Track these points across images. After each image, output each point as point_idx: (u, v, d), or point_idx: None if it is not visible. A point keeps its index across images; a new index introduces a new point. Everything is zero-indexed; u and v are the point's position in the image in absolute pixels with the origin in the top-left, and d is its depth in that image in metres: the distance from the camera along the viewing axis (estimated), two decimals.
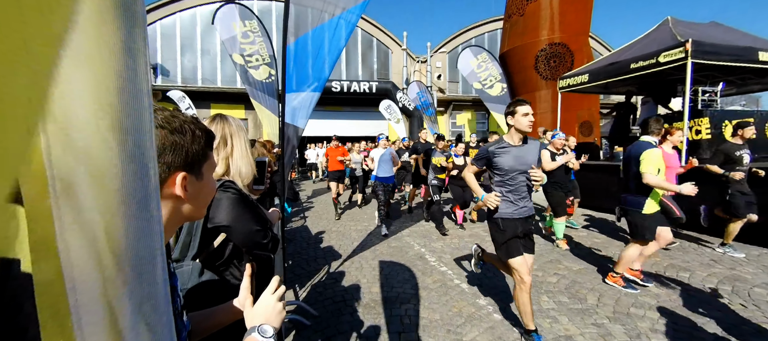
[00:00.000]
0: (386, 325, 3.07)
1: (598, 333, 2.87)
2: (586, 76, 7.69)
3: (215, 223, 1.23)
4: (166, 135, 0.65)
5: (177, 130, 0.66)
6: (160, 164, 0.64)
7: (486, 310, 3.31)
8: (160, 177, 0.65)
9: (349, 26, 3.20)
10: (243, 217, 1.25)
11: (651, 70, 6.34)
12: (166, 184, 0.66)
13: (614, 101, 15.84)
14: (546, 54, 10.26)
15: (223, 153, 1.33)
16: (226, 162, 1.34)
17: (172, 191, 0.67)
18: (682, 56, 5.81)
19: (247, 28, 8.54)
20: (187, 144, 0.68)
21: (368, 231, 6.33)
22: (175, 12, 17.29)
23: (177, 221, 0.72)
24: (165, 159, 0.65)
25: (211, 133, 0.76)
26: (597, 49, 18.85)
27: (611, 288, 3.71)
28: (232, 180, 1.31)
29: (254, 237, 1.27)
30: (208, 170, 0.75)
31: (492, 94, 10.15)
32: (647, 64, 6.36)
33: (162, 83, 16.79)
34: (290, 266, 4.61)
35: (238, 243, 1.27)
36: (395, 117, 13.31)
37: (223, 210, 1.23)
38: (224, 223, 1.23)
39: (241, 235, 1.26)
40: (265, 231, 1.30)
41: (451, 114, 20.76)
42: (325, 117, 18.45)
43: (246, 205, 1.27)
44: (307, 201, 9.98)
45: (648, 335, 2.83)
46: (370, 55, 20.05)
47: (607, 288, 3.72)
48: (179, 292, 0.78)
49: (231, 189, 1.26)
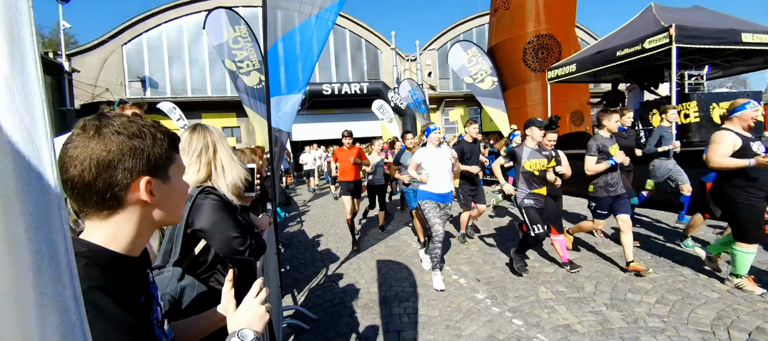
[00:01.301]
0: (386, 324, 3.06)
1: (597, 320, 2.88)
2: (573, 66, 7.75)
3: (193, 228, 1.23)
4: (123, 140, 0.64)
5: (135, 134, 0.65)
6: (121, 170, 0.63)
7: (484, 304, 3.31)
8: (123, 184, 0.64)
9: (327, 26, 3.20)
10: (221, 223, 1.25)
11: (637, 56, 6.41)
12: (129, 190, 0.65)
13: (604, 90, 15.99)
14: (533, 46, 10.32)
15: (205, 158, 1.33)
16: (208, 168, 1.34)
17: (138, 196, 0.66)
18: (666, 41, 5.88)
19: (237, 34, 8.51)
20: (147, 148, 0.67)
21: (366, 231, 6.32)
22: (160, 23, 17.15)
23: (149, 226, 0.71)
24: (125, 164, 0.64)
25: (175, 135, 0.75)
26: (583, 39, 19.00)
27: (607, 275, 3.73)
28: (213, 186, 1.31)
29: (231, 243, 1.27)
30: (176, 173, 0.74)
31: (483, 88, 10.19)
32: (633, 51, 6.42)
33: (151, 95, 16.66)
34: (287, 271, 4.58)
35: (216, 249, 1.27)
36: (388, 116, 13.30)
37: (202, 215, 1.24)
38: (202, 228, 1.23)
39: (218, 242, 1.26)
40: (244, 238, 1.30)
41: (444, 110, 20.81)
42: (316, 120, 18.41)
43: (225, 211, 1.28)
44: (304, 205, 9.94)
45: (645, 320, 2.85)
46: (360, 56, 20.03)
47: (604, 275, 3.74)
48: (159, 301, 0.77)
49: (212, 195, 1.26)
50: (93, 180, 0.62)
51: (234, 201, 1.44)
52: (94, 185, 0.62)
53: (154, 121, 0.71)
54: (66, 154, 0.62)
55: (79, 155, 0.61)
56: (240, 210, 1.61)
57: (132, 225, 0.67)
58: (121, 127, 0.64)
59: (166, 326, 0.77)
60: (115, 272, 0.63)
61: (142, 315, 0.66)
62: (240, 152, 3.21)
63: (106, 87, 15.83)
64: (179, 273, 1.15)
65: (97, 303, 0.56)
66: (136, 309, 0.63)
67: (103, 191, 0.63)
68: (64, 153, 0.62)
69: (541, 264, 4.16)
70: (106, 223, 0.66)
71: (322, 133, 17.87)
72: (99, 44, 16.16)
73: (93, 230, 0.66)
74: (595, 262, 4.09)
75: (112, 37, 16.43)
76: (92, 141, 0.62)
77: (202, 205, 1.25)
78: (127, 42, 16.70)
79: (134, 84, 16.78)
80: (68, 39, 16.91)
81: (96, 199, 0.63)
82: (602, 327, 2.78)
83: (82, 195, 0.63)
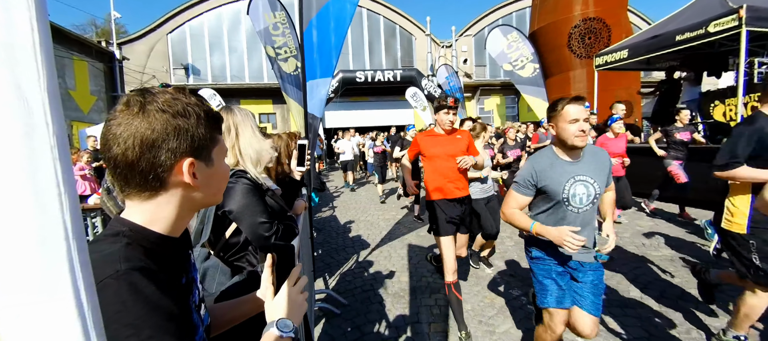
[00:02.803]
0: (416, 315, 3.03)
1: (642, 327, 2.68)
2: (625, 51, 7.18)
3: (224, 209, 1.26)
4: (167, 119, 0.60)
5: (180, 113, 0.62)
6: (165, 151, 0.61)
7: (519, 301, 3.19)
8: (167, 165, 0.61)
9: (353, 6, 3.20)
10: (249, 208, 1.27)
11: (700, 41, 5.81)
12: (173, 172, 0.62)
13: (655, 79, 14.81)
14: (580, 30, 9.67)
15: (229, 142, 1.34)
16: (233, 151, 1.36)
17: (180, 179, 0.63)
18: (735, 24, 5.27)
19: (277, 19, 8.64)
20: (192, 128, 0.63)
21: (396, 220, 6.30)
22: (201, 13, 17.79)
23: (190, 208, 0.69)
24: (169, 145, 0.61)
25: (218, 115, 0.71)
26: (635, 24, 17.61)
27: (656, 278, 3.47)
28: (245, 170, 1.32)
29: (258, 229, 1.28)
30: (219, 155, 0.71)
31: (523, 75, 9.74)
32: (695, 35, 5.83)
33: (194, 82, 17.43)
34: (319, 255, 4.66)
35: (243, 231, 1.29)
36: (421, 104, 13.12)
37: (233, 198, 1.26)
38: (232, 210, 1.26)
39: (246, 226, 1.28)
40: (270, 223, 1.30)
41: (479, 99, 20.21)
42: (350, 107, 18.49)
43: (254, 196, 1.29)
44: (336, 190, 10.08)
45: (703, 327, 2.62)
46: (394, 43, 19.79)
47: (652, 277, 3.48)
48: (198, 283, 0.76)
49: (243, 179, 1.29)
50: (136, 160, 0.59)
51: (267, 181, 1.44)
52: (138, 165, 0.60)
53: (197, 99, 0.68)
54: (109, 131, 0.60)
55: (123, 133, 0.59)
56: (281, 193, 1.62)
57: (173, 207, 0.65)
58: (166, 105, 0.61)
59: (203, 310, 0.76)
60: (156, 253, 0.62)
61: (182, 298, 0.64)
62: (276, 137, 3.26)
63: (153, 74, 16.74)
64: (205, 253, 1.18)
65: (137, 285, 0.54)
66: (176, 292, 0.61)
67: (147, 172, 0.61)
68: (108, 130, 0.60)
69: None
70: (148, 204, 0.64)
71: (354, 120, 17.93)
72: (146, 33, 17.05)
73: (133, 210, 0.64)
74: (641, 263, 3.82)
75: (158, 26, 17.27)
76: (136, 118, 0.59)
77: (233, 188, 1.26)
78: (171, 31, 17.49)
79: (178, 71, 17.61)
80: (119, 29, 18.05)
81: (138, 180, 0.61)
82: (648, 334, 2.59)
83: (125, 175, 0.61)
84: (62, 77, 12.61)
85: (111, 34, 15.85)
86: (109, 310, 0.50)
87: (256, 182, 1.32)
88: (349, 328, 2.88)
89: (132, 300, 0.52)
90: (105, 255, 0.56)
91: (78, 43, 13.66)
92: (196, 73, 17.95)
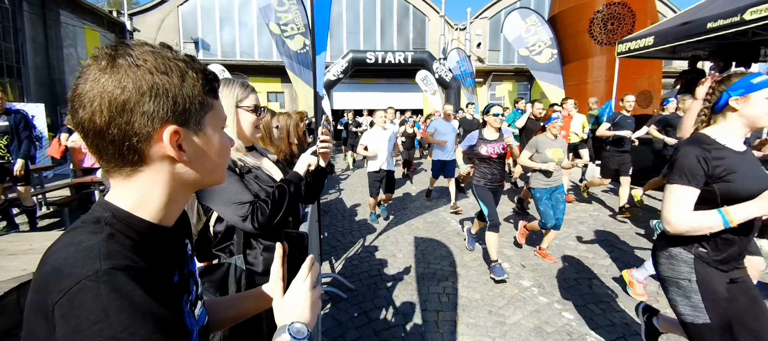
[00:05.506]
0: (424, 302, 2.96)
1: None
2: (651, 38, 6.84)
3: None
4: (141, 76, 0.48)
5: (158, 68, 0.50)
6: (139, 115, 0.49)
7: (530, 292, 3.10)
8: (142, 133, 0.50)
9: None
10: (221, 192, 1.17)
11: (733, 29, 5.49)
12: (151, 141, 0.51)
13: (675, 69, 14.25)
14: (603, 15, 9.26)
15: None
16: None
17: (163, 150, 0.52)
18: None
19: None
20: (173, 88, 0.51)
21: (402, 205, 6.21)
22: None
23: (183, 189, 0.57)
24: (144, 108, 0.49)
25: (213, 75, 0.59)
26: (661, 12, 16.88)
27: None
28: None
29: (229, 210, 1.18)
30: (214, 123, 0.59)
31: (540, 61, 9.40)
32: (729, 23, 5.50)
33: (203, 57, 17.26)
34: (325, 238, 4.61)
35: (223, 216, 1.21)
36: (431, 88, 12.83)
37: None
38: (202, 196, 1.19)
39: (219, 211, 1.20)
40: (242, 204, 1.20)
41: (491, 84, 19.76)
42: (359, 89, 18.23)
43: (229, 176, 1.20)
44: (342, 173, 10.01)
45: None
46: (406, 23, 19.28)
47: None
48: (197, 277, 0.66)
49: None
50: (105, 126, 0.48)
51: (254, 159, 1.32)
52: (108, 133, 0.49)
53: (187, 55, 0.55)
54: (75, 90, 0.48)
55: (88, 92, 0.48)
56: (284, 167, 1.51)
57: (160, 187, 0.54)
58: (141, 59, 0.49)
59: (198, 308, 0.65)
60: (144, 246, 0.51)
61: (174, 301, 0.53)
62: (285, 114, 3.15)
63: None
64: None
65: (121, 289, 0.43)
66: (167, 293, 0.50)
67: (120, 141, 0.49)
68: (74, 88, 0.49)
69: (595, 255, 3.83)
70: (130, 183, 0.53)
71: (362, 102, 17.69)
72: (157, 4, 16.81)
73: (116, 191, 0.54)
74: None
75: None
76: (104, 74, 0.48)
77: None
78: (183, 2, 17.22)
79: (188, 45, 17.40)
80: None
81: (112, 151, 0.50)
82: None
83: (96, 144, 0.50)
84: (74, 46, 12.54)
85: (122, 4, 15.65)
86: (86, 320, 0.40)
87: (235, 162, 1.22)
88: (356, 314, 2.83)
89: (115, 308, 0.42)
90: (82, 249, 0.46)
91: (90, 13, 13.53)
92: (205, 48, 17.76)
